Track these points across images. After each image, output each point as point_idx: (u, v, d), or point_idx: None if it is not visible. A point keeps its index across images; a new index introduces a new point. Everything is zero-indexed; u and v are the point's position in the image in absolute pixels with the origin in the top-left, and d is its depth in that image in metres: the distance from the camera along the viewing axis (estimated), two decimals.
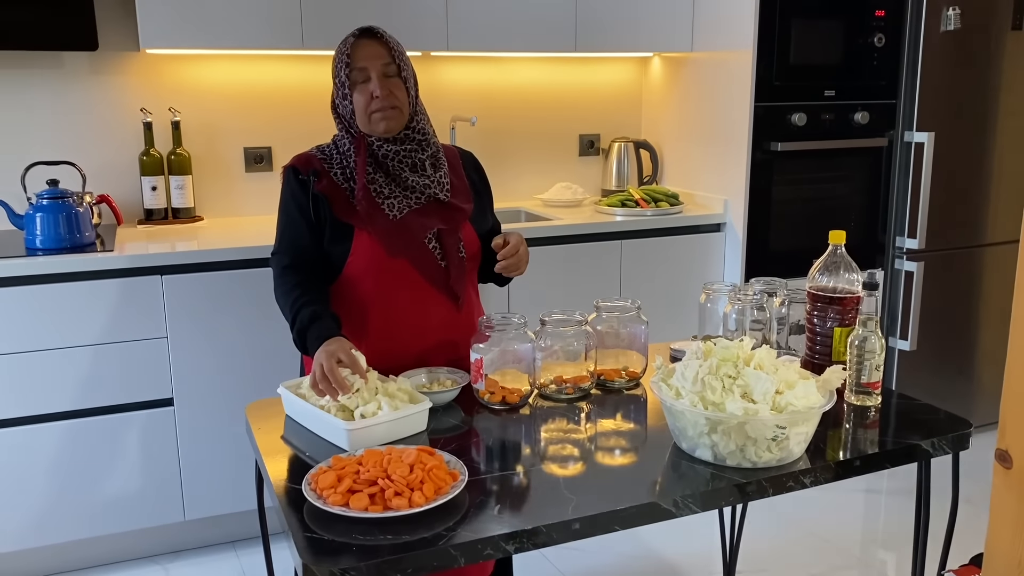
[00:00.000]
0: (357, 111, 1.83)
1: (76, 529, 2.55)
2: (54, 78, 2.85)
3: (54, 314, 2.43)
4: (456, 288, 1.88)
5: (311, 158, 1.89)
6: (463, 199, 1.94)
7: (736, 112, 3.16)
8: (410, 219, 1.85)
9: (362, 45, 1.83)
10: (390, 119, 1.83)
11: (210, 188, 3.08)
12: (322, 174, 1.85)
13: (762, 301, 1.87)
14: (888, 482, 3.21)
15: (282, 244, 1.88)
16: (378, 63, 1.82)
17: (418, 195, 1.86)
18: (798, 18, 3.10)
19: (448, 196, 1.90)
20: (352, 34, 1.85)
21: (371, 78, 1.81)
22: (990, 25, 3.28)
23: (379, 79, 1.81)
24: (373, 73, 1.82)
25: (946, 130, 3.27)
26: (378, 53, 1.83)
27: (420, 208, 1.86)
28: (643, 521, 1.35)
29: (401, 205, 1.85)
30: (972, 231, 3.44)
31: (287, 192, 1.88)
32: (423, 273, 1.85)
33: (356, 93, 1.82)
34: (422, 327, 1.86)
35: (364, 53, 1.82)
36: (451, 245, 1.87)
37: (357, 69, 1.82)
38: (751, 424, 1.41)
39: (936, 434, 1.58)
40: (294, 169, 1.87)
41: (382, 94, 1.81)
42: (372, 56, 1.82)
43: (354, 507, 1.29)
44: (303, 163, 1.88)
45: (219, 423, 2.64)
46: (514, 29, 3.05)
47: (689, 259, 3.21)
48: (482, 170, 2.06)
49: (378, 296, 1.84)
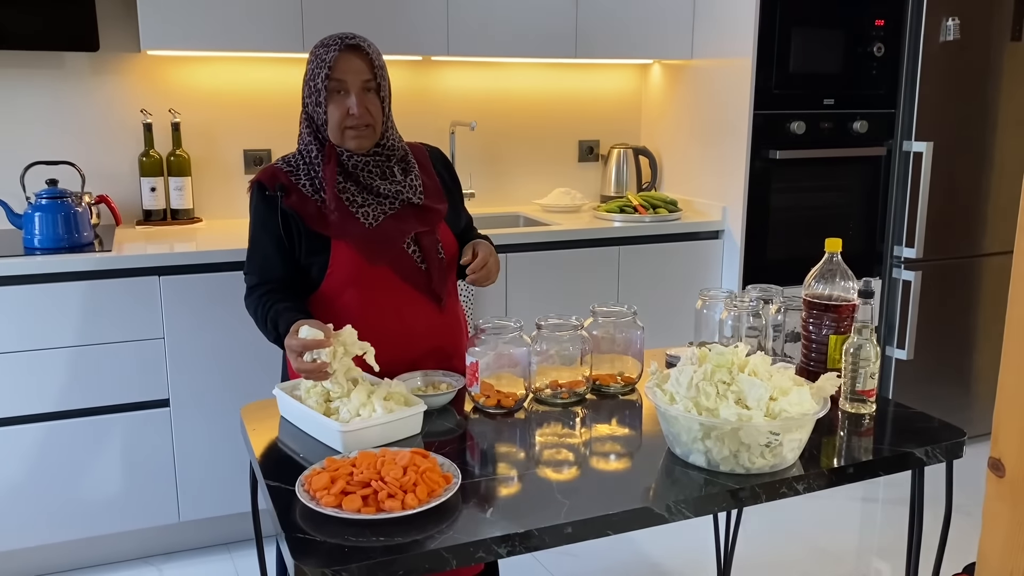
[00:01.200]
0: (330, 122, 1.82)
1: (70, 529, 2.55)
2: (55, 78, 2.85)
3: (52, 314, 2.43)
4: (438, 290, 1.89)
5: (276, 172, 1.86)
6: (436, 199, 1.94)
7: (735, 120, 3.16)
8: (387, 225, 1.84)
9: (345, 57, 1.80)
10: (363, 137, 1.83)
11: (209, 190, 3.09)
12: (290, 188, 1.83)
13: (758, 308, 1.87)
14: (884, 491, 3.20)
15: (250, 265, 1.88)
16: (359, 79, 1.81)
17: (391, 201, 1.86)
18: (798, 27, 3.11)
19: (422, 199, 1.90)
20: (335, 43, 1.81)
21: (350, 92, 1.80)
22: (989, 36, 3.29)
23: (358, 95, 1.80)
24: (352, 88, 1.80)
25: (945, 140, 3.28)
26: (360, 68, 1.81)
27: (395, 213, 1.86)
28: (636, 526, 1.35)
29: (376, 212, 1.84)
30: (970, 241, 3.45)
31: (253, 210, 1.86)
32: (404, 278, 1.85)
33: (331, 104, 1.81)
34: (407, 332, 1.86)
35: (346, 66, 1.80)
36: (430, 247, 1.88)
37: (336, 80, 1.80)
38: (745, 430, 1.41)
39: (930, 442, 1.58)
40: (260, 184, 1.85)
41: (359, 112, 1.80)
42: (354, 71, 1.80)
43: (347, 508, 1.29)
44: (268, 178, 1.85)
45: (215, 424, 2.64)
46: (515, 35, 3.06)
47: (687, 266, 3.21)
48: (451, 165, 2.06)
49: (361, 305, 1.83)
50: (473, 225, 2.11)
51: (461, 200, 2.06)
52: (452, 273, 1.96)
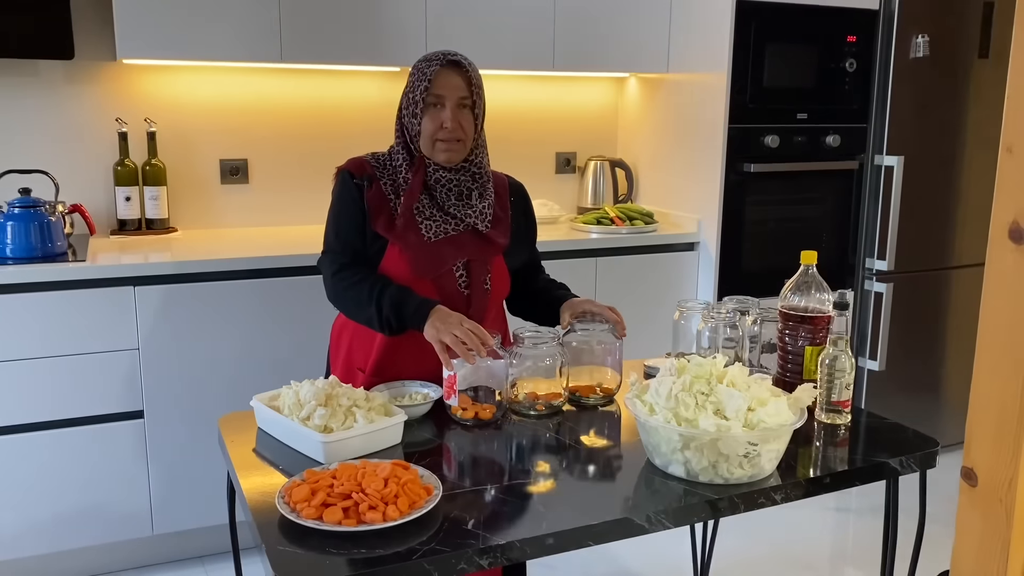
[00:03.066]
0: (423, 134, 1.87)
1: (41, 543, 2.51)
2: (29, 86, 2.82)
3: (24, 324, 2.40)
4: (475, 318, 1.87)
5: (364, 163, 1.92)
6: (501, 232, 1.96)
7: (710, 133, 3.20)
8: (443, 244, 1.88)
9: (446, 73, 1.85)
10: (453, 151, 1.87)
11: (185, 199, 3.06)
12: (374, 181, 1.88)
13: (735, 319, 1.89)
14: (857, 500, 3.24)
15: (338, 244, 1.90)
16: (456, 95, 1.85)
17: (457, 222, 1.90)
18: (772, 42, 3.15)
19: (488, 227, 1.93)
20: (438, 59, 1.86)
21: (446, 107, 1.85)
22: (957, 53, 3.36)
23: (453, 110, 1.85)
24: (449, 103, 1.85)
25: (915, 154, 3.34)
26: (459, 85, 1.86)
27: (456, 235, 1.89)
28: (616, 536, 1.36)
29: (438, 229, 1.88)
30: (940, 253, 3.50)
31: (342, 193, 1.90)
32: (444, 298, 1.86)
33: (427, 117, 1.86)
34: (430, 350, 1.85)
35: (446, 81, 1.85)
36: (478, 276, 1.90)
37: (434, 95, 1.84)
38: (723, 441, 1.42)
39: (904, 452, 1.60)
40: (348, 172, 1.91)
41: (452, 126, 1.84)
42: (453, 87, 1.85)
43: (327, 521, 1.28)
44: (357, 167, 1.91)
45: (189, 436, 2.61)
46: (493, 47, 3.08)
47: (663, 277, 3.24)
48: (529, 203, 2.10)
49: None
50: (541, 266, 2.14)
51: (534, 237, 2.10)
52: (497, 305, 1.99)
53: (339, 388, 1.64)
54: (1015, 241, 0.98)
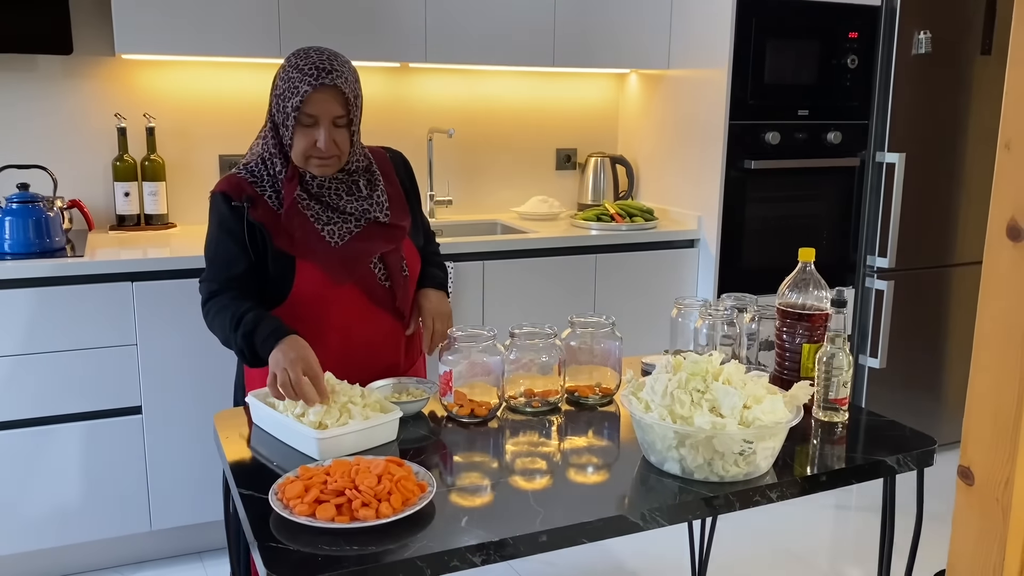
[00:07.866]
0: (296, 149, 1.76)
1: (40, 538, 2.51)
2: (27, 81, 2.82)
3: (22, 320, 2.40)
4: (402, 307, 1.89)
5: (241, 182, 1.79)
6: (401, 214, 1.91)
7: (711, 129, 3.19)
8: (352, 246, 1.82)
9: (319, 95, 1.72)
10: (327, 166, 1.78)
11: (184, 195, 3.06)
12: (256, 200, 1.78)
13: (732, 317, 1.88)
14: (856, 498, 3.23)
15: (212, 271, 1.80)
16: (330, 115, 1.74)
17: (356, 219, 1.83)
18: (773, 38, 3.14)
19: (388, 216, 1.87)
20: (311, 75, 1.72)
21: (319, 126, 1.74)
22: (960, 49, 3.34)
23: (327, 131, 1.74)
24: (323, 123, 1.74)
25: (917, 151, 3.32)
26: (332, 106, 1.74)
27: (360, 233, 1.83)
28: (610, 534, 1.35)
29: (341, 231, 1.81)
30: (942, 251, 3.49)
31: (217, 219, 1.79)
32: (369, 296, 1.84)
33: (299, 134, 1.75)
34: (371, 349, 1.86)
35: (320, 103, 1.73)
36: (394, 265, 1.87)
37: (307, 114, 1.73)
38: (719, 438, 1.42)
39: (901, 450, 1.60)
40: (222, 195, 1.78)
41: (326, 147, 1.74)
42: (327, 109, 1.74)
43: (320, 517, 1.28)
44: (233, 188, 1.78)
45: (187, 432, 2.61)
46: (493, 43, 3.07)
47: (662, 274, 3.23)
48: (411, 170, 2.03)
49: (325, 322, 1.81)
50: (431, 234, 2.09)
51: (419, 205, 2.03)
52: (414, 288, 1.95)
53: (335, 385, 1.63)
54: (1013, 239, 0.97)
